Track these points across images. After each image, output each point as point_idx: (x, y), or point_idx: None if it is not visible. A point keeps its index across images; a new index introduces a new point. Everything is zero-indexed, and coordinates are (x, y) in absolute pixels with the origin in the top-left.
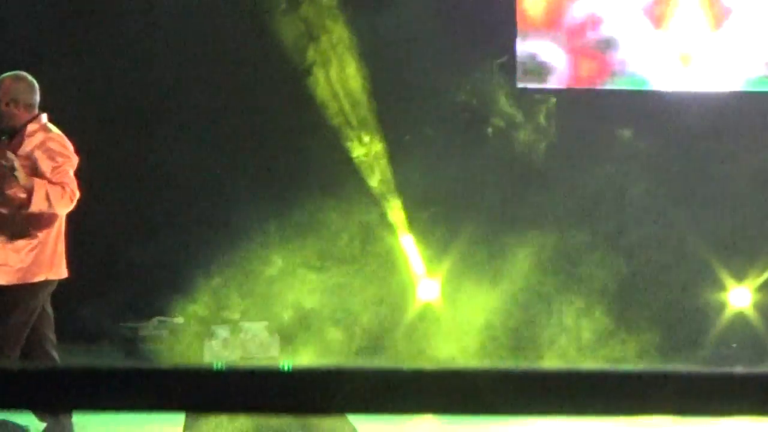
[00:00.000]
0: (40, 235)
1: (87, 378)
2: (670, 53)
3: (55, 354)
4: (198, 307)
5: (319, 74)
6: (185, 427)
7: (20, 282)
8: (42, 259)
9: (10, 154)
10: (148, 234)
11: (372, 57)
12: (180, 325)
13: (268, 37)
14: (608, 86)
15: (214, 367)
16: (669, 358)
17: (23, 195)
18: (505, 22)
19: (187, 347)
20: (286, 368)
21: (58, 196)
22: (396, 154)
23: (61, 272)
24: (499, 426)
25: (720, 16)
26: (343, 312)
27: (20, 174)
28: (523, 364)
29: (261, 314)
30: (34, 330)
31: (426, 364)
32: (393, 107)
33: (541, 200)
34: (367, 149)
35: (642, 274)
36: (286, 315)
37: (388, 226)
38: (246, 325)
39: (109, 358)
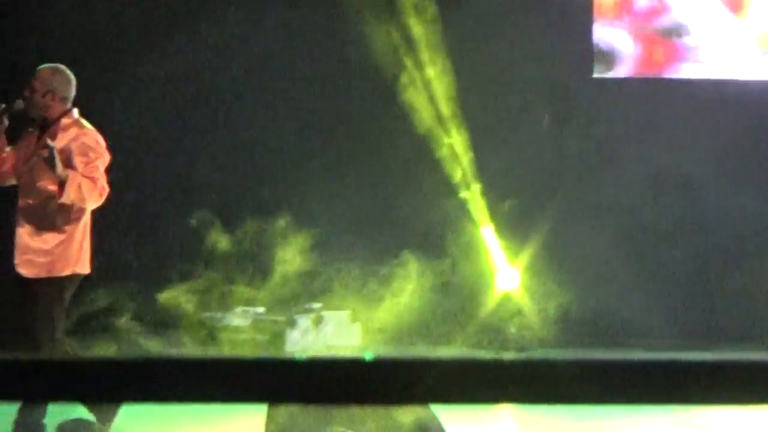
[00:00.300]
0: (68, 228)
1: (169, 368)
2: (748, 40)
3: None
4: (280, 296)
5: (405, 68)
6: (267, 417)
7: (48, 275)
8: (70, 253)
9: (50, 142)
10: (230, 222)
11: (453, 49)
12: (262, 314)
13: (352, 32)
14: (680, 74)
15: (295, 358)
16: (744, 341)
17: (53, 187)
18: (582, 11)
19: (269, 337)
20: (367, 358)
21: (90, 189)
22: (479, 145)
23: (86, 267)
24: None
25: None
26: (422, 300)
27: (58, 163)
28: (602, 353)
29: (342, 303)
30: None
31: (504, 353)
32: (475, 99)
33: (617, 186)
34: (450, 141)
35: (716, 258)
36: (367, 304)
37: (469, 217)
38: (327, 314)
39: (190, 348)
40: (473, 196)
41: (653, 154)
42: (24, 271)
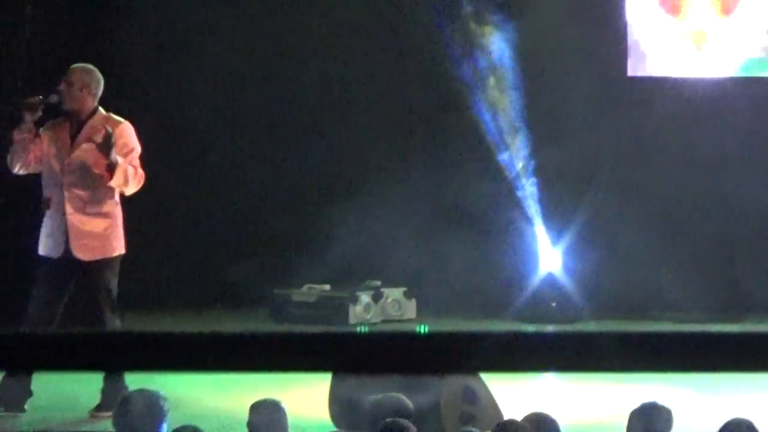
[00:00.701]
0: (113, 213)
1: (241, 341)
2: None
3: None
4: (344, 274)
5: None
6: (332, 386)
7: (102, 257)
8: (116, 235)
9: (108, 128)
10: (300, 206)
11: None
12: (327, 291)
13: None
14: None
15: (358, 331)
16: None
17: (98, 173)
18: (616, 12)
19: (334, 312)
20: (422, 331)
21: (132, 176)
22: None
23: (124, 248)
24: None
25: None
26: (472, 278)
27: (114, 148)
28: (633, 325)
29: (400, 281)
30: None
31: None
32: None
33: (647, 173)
34: (503, 132)
35: (740, 236)
36: (423, 281)
37: (516, 201)
38: (386, 290)
39: (260, 323)
40: (523, 182)
41: (680, 143)
42: (81, 255)
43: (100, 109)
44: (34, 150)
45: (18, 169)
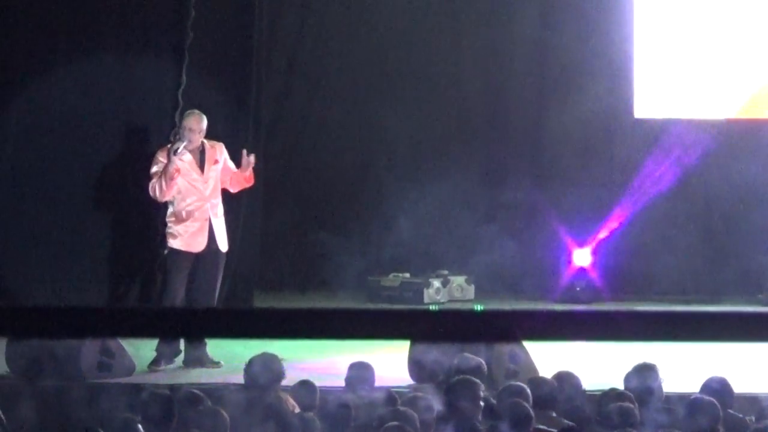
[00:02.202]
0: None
1: (345, 315)
2: None
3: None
4: (419, 264)
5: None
6: (410, 351)
7: (226, 250)
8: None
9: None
10: (383, 209)
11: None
12: (407, 278)
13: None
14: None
15: (431, 308)
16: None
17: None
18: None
19: (412, 294)
20: (479, 309)
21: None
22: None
23: None
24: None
25: None
26: (520, 268)
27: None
28: (642, 305)
29: (463, 269)
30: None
31: (574, 306)
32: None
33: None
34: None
35: (721, 231)
36: (480, 270)
37: (550, 207)
38: (452, 278)
39: (358, 302)
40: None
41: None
42: (224, 248)
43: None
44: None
45: (164, 199)
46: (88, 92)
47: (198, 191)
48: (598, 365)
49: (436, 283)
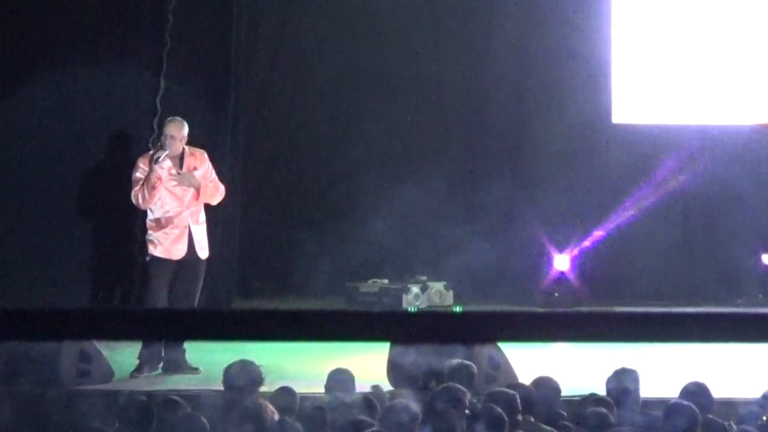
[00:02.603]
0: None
1: (323, 318)
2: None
3: None
4: (398, 270)
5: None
6: (390, 353)
7: (206, 257)
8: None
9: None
10: (354, 209)
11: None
12: (386, 283)
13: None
14: None
15: (410, 310)
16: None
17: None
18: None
19: (391, 300)
20: (457, 311)
21: (214, 190)
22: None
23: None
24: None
25: None
26: (498, 274)
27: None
28: (619, 307)
29: (440, 275)
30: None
31: (552, 308)
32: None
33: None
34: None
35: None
36: (459, 276)
37: (530, 212)
38: (431, 283)
39: (334, 306)
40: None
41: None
42: (203, 255)
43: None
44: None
45: (146, 206)
46: (66, 99)
47: (177, 198)
48: (578, 370)
49: (415, 288)
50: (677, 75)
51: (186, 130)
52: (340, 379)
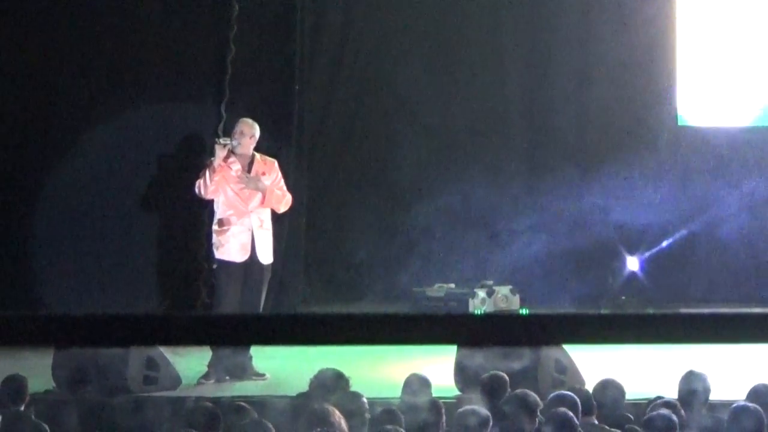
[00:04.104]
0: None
1: (390, 321)
2: None
3: None
4: (464, 274)
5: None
6: (457, 356)
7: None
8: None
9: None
10: (421, 213)
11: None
12: (452, 288)
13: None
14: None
15: (476, 313)
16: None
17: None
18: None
19: (457, 304)
20: (523, 313)
21: (280, 198)
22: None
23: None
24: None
25: None
26: (565, 278)
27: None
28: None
29: (507, 279)
30: None
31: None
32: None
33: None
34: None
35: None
36: (526, 280)
37: (598, 213)
38: (497, 288)
39: (401, 311)
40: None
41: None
42: (266, 261)
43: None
44: (215, 180)
45: (208, 195)
46: (130, 107)
47: (242, 201)
48: (645, 372)
49: (481, 293)
50: (743, 76)
51: (257, 131)
52: (417, 383)
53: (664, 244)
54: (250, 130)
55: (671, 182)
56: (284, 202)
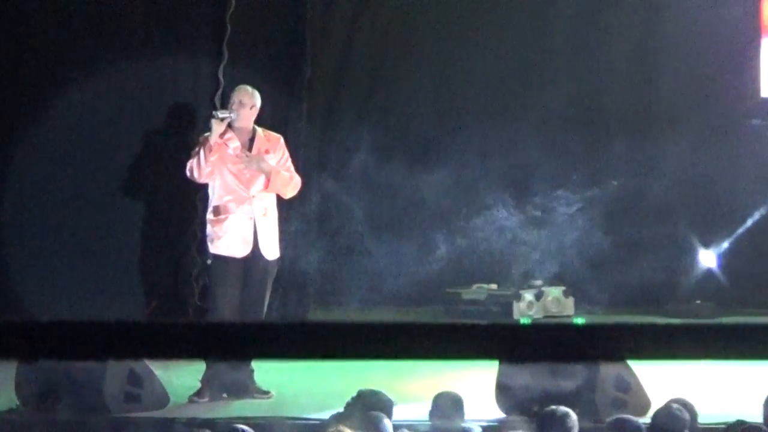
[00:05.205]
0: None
1: (418, 332)
2: None
3: None
4: (508, 274)
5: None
6: (499, 374)
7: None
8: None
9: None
10: (453, 201)
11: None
12: (494, 289)
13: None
14: None
15: (522, 321)
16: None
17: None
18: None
19: (500, 309)
20: (578, 323)
21: (288, 180)
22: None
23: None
24: None
25: None
26: (621, 279)
27: (279, 160)
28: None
29: (560, 279)
30: None
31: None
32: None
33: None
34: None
35: None
36: (580, 281)
37: (660, 205)
38: (547, 289)
39: (435, 319)
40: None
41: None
42: (271, 256)
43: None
44: (211, 161)
45: (202, 178)
46: (112, 73)
47: (242, 184)
48: (724, 393)
49: (528, 295)
50: None
51: (258, 100)
52: (446, 403)
53: (746, 233)
54: (250, 100)
55: (755, 160)
56: (292, 185)
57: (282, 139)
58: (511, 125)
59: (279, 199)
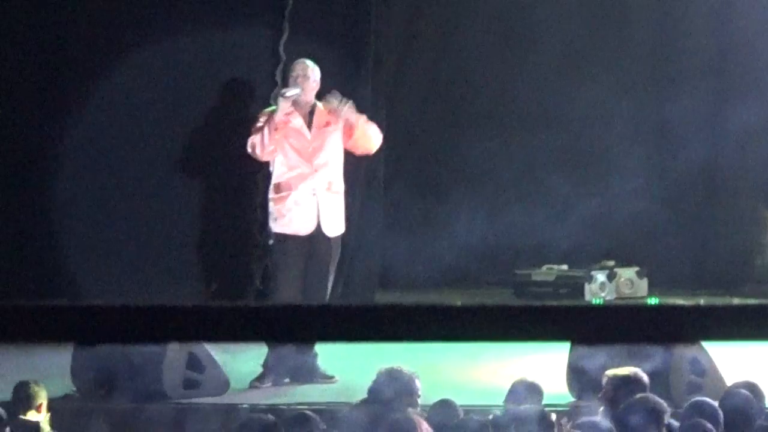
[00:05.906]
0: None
1: (487, 314)
2: None
3: None
4: (580, 254)
5: None
6: (570, 356)
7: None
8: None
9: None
10: (528, 192)
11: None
12: (564, 270)
13: None
14: None
15: (594, 302)
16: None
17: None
18: None
19: (571, 290)
20: (653, 303)
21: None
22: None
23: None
24: None
25: None
26: (697, 259)
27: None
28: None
29: (632, 260)
30: None
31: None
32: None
33: None
34: None
35: None
36: (655, 261)
37: (735, 182)
38: (620, 270)
39: (504, 300)
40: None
41: None
42: (333, 233)
43: None
44: (275, 138)
45: (265, 155)
46: (165, 53)
47: (305, 161)
48: None
49: (600, 276)
50: None
51: (318, 74)
52: (523, 389)
53: None
54: (312, 74)
55: None
56: (376, 136)
57: (343, 111)
58: (582, 98)
59: (345, 173)
